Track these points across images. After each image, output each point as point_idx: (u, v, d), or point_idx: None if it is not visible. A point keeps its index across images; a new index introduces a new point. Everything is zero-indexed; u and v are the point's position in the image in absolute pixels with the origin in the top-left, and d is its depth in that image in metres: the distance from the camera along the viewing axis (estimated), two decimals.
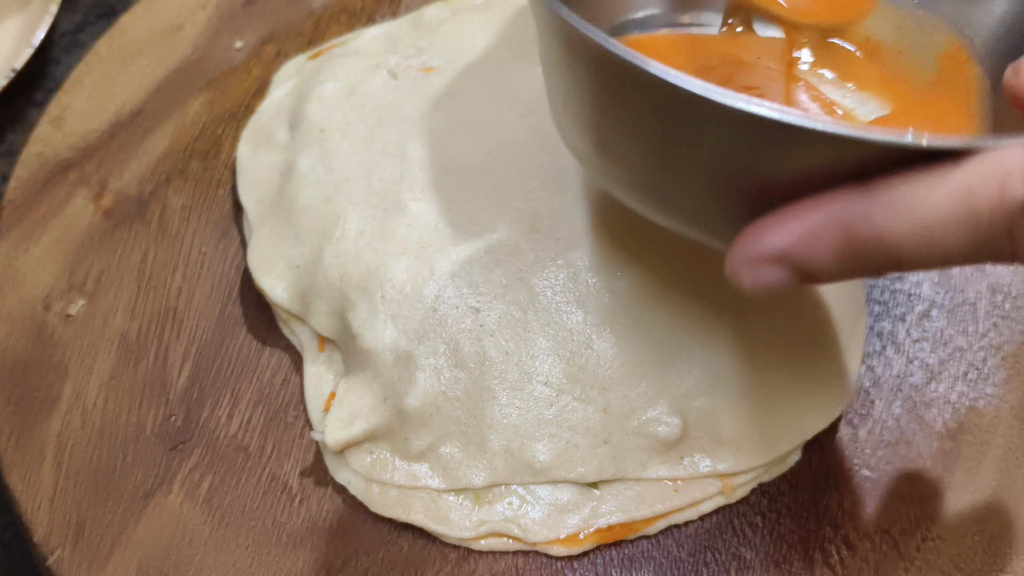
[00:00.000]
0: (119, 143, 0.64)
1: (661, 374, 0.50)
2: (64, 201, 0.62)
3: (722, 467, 0.50)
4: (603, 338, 0.50)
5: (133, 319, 0.57)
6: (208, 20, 0.70)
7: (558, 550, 0.49)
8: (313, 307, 0.54)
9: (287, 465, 0.52)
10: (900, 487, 0.51)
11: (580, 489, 0.50)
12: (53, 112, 0.66)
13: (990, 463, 0.51)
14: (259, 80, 0.67)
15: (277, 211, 0.57)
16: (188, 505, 0.51)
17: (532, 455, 0.49)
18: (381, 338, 0.51)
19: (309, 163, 0.57)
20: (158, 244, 0.60)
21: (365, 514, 0.50)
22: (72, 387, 0.55)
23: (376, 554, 0.49)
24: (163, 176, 0.63)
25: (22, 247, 0.60)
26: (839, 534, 0.49)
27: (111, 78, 0.67)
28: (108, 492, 0.51)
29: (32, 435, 0.53)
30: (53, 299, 0.58)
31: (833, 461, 0.52)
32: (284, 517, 0.50)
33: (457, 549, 0.49)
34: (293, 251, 0.55)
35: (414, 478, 0.50)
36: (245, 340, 0.56)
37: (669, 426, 0.49)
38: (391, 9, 0.70)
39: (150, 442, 0.53)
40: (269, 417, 0.54)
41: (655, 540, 0.50)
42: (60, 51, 0.81)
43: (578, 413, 0.49)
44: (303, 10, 0.70)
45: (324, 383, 0.54)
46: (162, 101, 0.66)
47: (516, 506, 0.50)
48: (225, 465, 0.52)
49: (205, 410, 0.54)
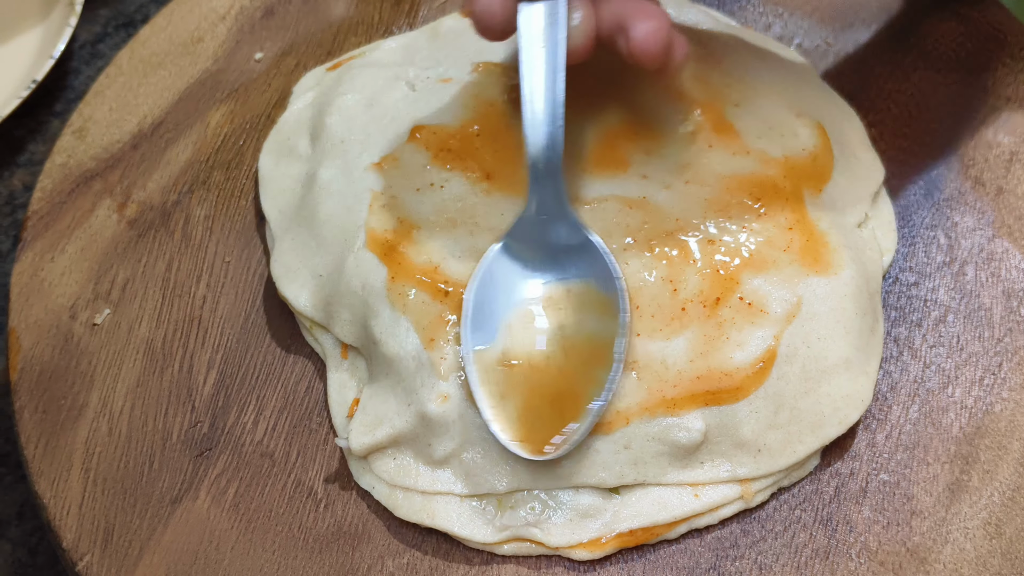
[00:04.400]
0: (142, 154, 0.65)
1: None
2: (88, 211, 0.63)
3: (742, 472, 0.50)
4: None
5: (158, 327, 0.58)
6: (228, 32, 0.71)
7: (580, 554, 0.50)
8: (336, 315, 0.54)
9: (312, 471, 0.53)
10: (918, 491, 0.51)
11: (601, 494, 0.50)
12: (75, 123, 0.67)
13: (1007, 467, 0.52)
14: (279, 91, 0.68)
15: (299, 221, 0.58)
16: (215, 511, 0.51)
17: (554, 461, 0.49)
18: (404, 344, 0.51)
19: (331, 174, 0.58)
20: (182, 254, 0.61)
21: (389, 519, 0.51)
22: (99, 395, 0.55)
23: (401, 559, 0.50)
24: (186, 186, 0.64)
25: (47, 257, 0.61)
26: (859, 540, 0.50)
27: (132, 90, 0.68)
28: (136, 498, 0.52)
29: (60, 442, 0.54)
30: (79, 308, 0.59)
31: (852, 466, 0.52)
32: (310, 522, 0.51)
33: (480, 554, 0.50)
34: (316, 260, 0.56)
35: (437, 483, 0.51)
36: (269, 348, 0.57)
37: (690, 432, 0.49)
38: (408, 21, 0.71)
39: (176, 449, 0.53)
40: (294, 424, 0.54)
41: (676, 545, 0.50)
42: (80, 62, 0.82)
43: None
44: (322, 22, 0.71)
45: (347, 390, 0.54)
46: (183, 112, 0.67)
47: (538, 511, 0.50)
48: (251, 471, 0.53)
49: (231, 417, 0.54)
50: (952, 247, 0.59)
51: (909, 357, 0.55)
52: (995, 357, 0.55)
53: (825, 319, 0.52)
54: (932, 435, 0.53)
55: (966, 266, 0.58)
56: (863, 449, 0.53)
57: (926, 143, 0.63)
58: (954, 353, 0.55)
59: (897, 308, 0.57)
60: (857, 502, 0.51)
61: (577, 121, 0.58)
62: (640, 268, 0.52)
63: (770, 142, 0.57)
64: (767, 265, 0.53)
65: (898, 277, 0.58)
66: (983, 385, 0.54)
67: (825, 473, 0.52)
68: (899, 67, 0.66)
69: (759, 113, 0.58)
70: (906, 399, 0.54)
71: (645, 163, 0.56)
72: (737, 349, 0.51)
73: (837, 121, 0.61)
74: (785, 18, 0.69)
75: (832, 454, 0.52)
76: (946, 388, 0.54)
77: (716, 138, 0.56)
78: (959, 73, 0.66)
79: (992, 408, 0.53)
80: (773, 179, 0.55)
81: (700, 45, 0.61)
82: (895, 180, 0.62)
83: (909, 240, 0.59)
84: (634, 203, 0.54)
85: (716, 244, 0.53)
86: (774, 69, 0.63)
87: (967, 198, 0.61)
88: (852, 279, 0.53)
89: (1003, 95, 0.65)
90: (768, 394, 0.50)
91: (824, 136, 0.58)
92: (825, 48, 0.68)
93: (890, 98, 0.65)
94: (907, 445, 0.53)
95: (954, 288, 0.58)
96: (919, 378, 0.55)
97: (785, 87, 0.61)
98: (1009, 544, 0.49)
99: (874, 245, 0.57)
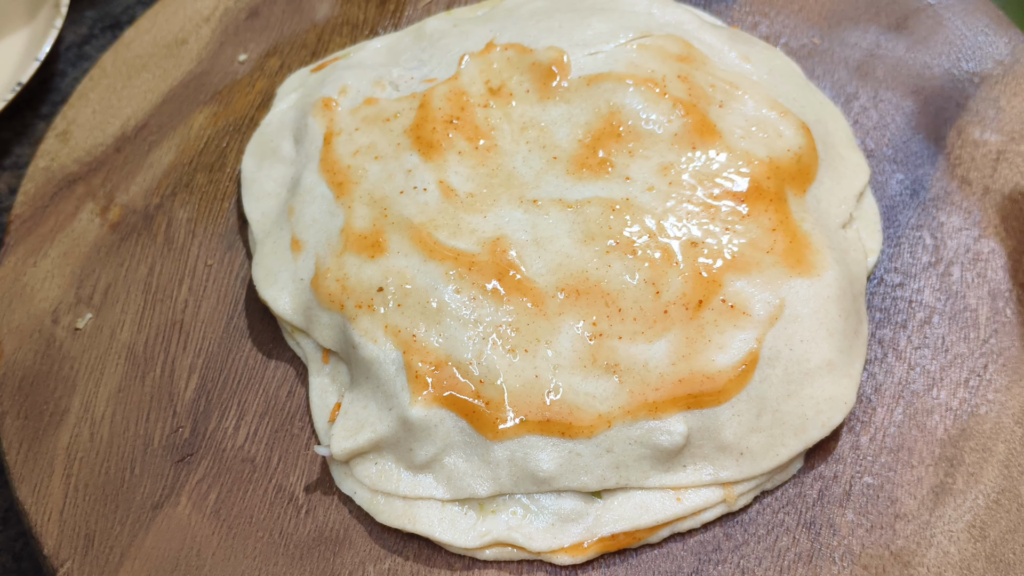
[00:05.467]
0: (125, 157, 0.65)
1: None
2: (71, 215, 0.62)
3: (724, 475, 0.50)
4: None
5: (140, 332, 0.57)
6: (212, 34, 0.70)
7: (562, 559, 0.49)
8: (315, 320, 0.54)
9: (293, 476, 0.52)
10: (902, 494, 0.51)
11: (583, 498, 0.50)
12: (59, 126, 0.66)
13: (992, 469, 0.51)
14: (263, 93, 0.67)
15: (282, 224, 0.58)
16: (196, 516, 0.51)
17: (536, 465, 0.49)
18: (384, 348, 0.51)
19: (315, 178, 0.58)
20: (164, 257, 0.60)
21: (371, 524, 0.51)
22: (80, 400, 0.55)
23: (382, 564, 0.50)
24: (169, 189, 0.63)
25: (30, 261, 0.60)
26: (842, 543, 0.50)
27: (116, 92, 0.68)
28: (117, 504, 0.52)
29: (41, 448, 0.54)
30: (61, 312, 0.58)
31: (835, 469, 0.52)
32: (291, 528, 0.51)
33: (462, 559, 0.50)
34: (297, 264, 0.56)
35: (419, 488, 0.50)
36: (251, 352, 0.57)
37: (672, 435, 0.49)
38: (393, 21, 0.71)
39: (158, 454, 0.53)
40: (275, 428, 0.54)
41: (658, 549, 0.50)
42: (66, 64, 0.82)
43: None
44: (306, 22, 0.71)
45: (328, 394, 0.54)
46: (167, 115, 0.67)
47: (520, 516, 0.50)
48: (232, 476, 0.52)
49: (212, 422, 0.54)
50: (938, 247, 0.59)
51: (894, 359, 0.55)
52: (980, 358, 0.55)
53: (808, 321, 0.52)
54: (916, 437, 0.52)
55: (952, 267, 0.58)
56: (847, 452, 0.52)
57: (912, 142, 0.63)
58: (939, 354, 0.55)
59: (882, 309, 0.57)
60: (841, 505, 0.51)
61: (560, 123, 0.58)
62: (622, 270, 0.52)
63: (754, 143, 0.56)
64: (750, 267, 0.52)
65: (883, 278, 0.58)
66: (968, 387, 0.54)
67: (808, 476, 0.52)
68: (886, 66, 0.66)
69: (743, 113, 0.58)
70: (890, 401, 0.54)
71: (628, 165, 0.56)
72: (719, 352, 0.50)
73: (822, 121, 0.61)
74: (771, 17, 0.69)
75: (815, 457, 0.52)
76: (931, 390, 0.54)
77: (699, 139, 0.56)
78: (946, 72, 0.65)
79: (977, 410, 0.53)
80: (757, 180, 0.55)
81: (684, 45, 0.60)
82: (880, 179, 0.61)
83: (894, 240, 0.59)
84: (617, 205, 0.54)
85: (699, 246, 0.53)
86: (759, 69, 0.62)
87: (953, 197, 0.60)
88: (836, 280, 0.53)
89: (990, 95, 0.64)
90: (750, 397, 0.50)
91: (809, 136, 0.58)
92: (812, 47, 0.67)
93: (877, 96, 0.65)
94: (891, 448, 0.52)
95: (940, 289, 0.57)
96: (904, 380, 0.54)
97: (770, 87, 0.61)
98: (993, 547, 0.49)
99: (859, 246, 0.57)
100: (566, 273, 0.52)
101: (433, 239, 0.54)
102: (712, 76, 0.59)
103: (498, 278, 0.52)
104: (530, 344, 0.51)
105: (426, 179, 0.56)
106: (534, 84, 0.59)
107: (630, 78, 0.57)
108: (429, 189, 0.56)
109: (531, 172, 0.56)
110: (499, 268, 0.52)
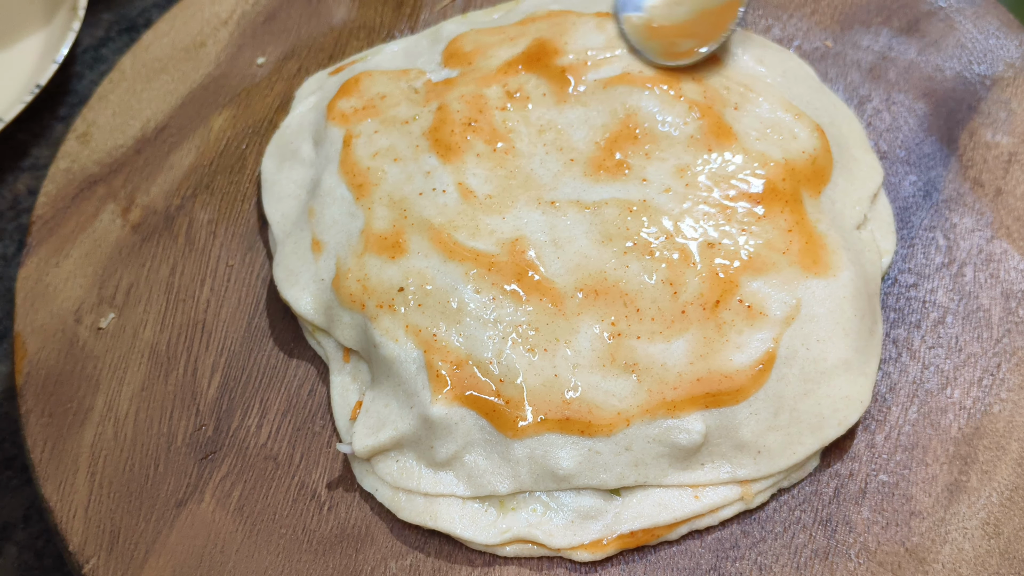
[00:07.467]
0: (145, 158, 0.66)
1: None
2: (92, 216, 0.63)
3: (742, 473, 0.51)
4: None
5: (163, 331, 0.58)
6: (230, 37, 0.71)
7: (582, 555, 0.50)
8: (337, 319, 0.55)
9: (315, 473, 0.53)
10: (917, 491, 0.51)
11: (602, 496, 0.51)
12: (79, 128, 0.67)
13: (1006, 467, 0.52)
14: (282, 96, 0.68)
15: (302, 225, 0.58)
16: (220, 513, 0.52)
17: (555, 462, 0.50)
18: (404, 347, 0.52)
19: (335, 180, 0.58)
20: (186, 258, 0.61)
21: (392, 521, 0.52)
22: (104, 399, 0.56)
23: (404, 560, 0.50)
24: (189, 191, 0.64)
25: (52, 262, 0.61)
26: (858, 540, 0.50)
27: (136, 94, 0.69)
28: (141, 501, 0.52)
29: (66, 446, 0.54)
30: (84, 312, 0.59)
31: (851, 467, 0.52)
32: (313, 524, 0.52)
33: (483, 555, 0.51)
34: (317, 265, 0.57)
35: (440, 485, 0.51)
36: (272, 351, 0.57)
37: (691, 433, 0.50)
38: (409, 25, 0.71)
39: (181, 452, 0.54)
40: (297, 427, 0.55)
41: (677, 546, 0.51)
42: (83, 66, 0.82)
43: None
44: (323, 26, 0.72)
45: (350, 393, 0.55)
46: (186, 117, 0.67)
47: (540, 513, 0.51)
48: (255, 474, 0.53)
49: (235, 420, 0.55)
50: (951, 248, 0.59)
51: (908, 358, 0.56)
52: (994, 358, 0.55)
53: (824, 321, 0.52)
54: (931, 436, 0.53)
55: (965, 267, 0.59)
56: (862, 450, 0.53)
57: (924, 144, 0.63)
58: (953, 354, 0.56)
59: (896, 309, 0.58)
60: (856, 503, 0.51)
61: (577, 125, 0.58)
62: (640, 271, 0.52)
63: (769, 144, 0.57)
64: (766, 268, 0.53)
65: (897, 278, 0.59)
66: (982, 386, 0.54)
67: (824, 474, 0.52)
68: (898, 69, 0.67)
69: (758, 115, 0.59)
70: (905, 400, 0.54)
71: (644, 167, 0.56)
72: (737, 351, 0.51)
73: (836, 123, 0.62)
74: (784, 20, 0.70)
75: (831, 455, 0.53)
76: (945, 389, 0.55)
77: (715, 141, 0.57)
78: (958, 74, 0.66)
79: (991, 409, 0.54)
80: (772, 182, 0.55)
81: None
82: (894, 181, 0.62)
83: (908, 241, 0.60)
84: (634, 206, 0.55)
85: (716, 247, 0.53)
86: (773, 72, 0.63)
87: (966, 199, 0.61)
88: (851, 281, 0.54)
89: (1002, 97, 0.65)
90: (768, 396, 0.51)
91: (823, 138, 0.58)
92: (824, 50, 0.68)
93: (890, 99, 0.65)
94: (906, 446, 0.53)
95: (953, 289, 0.58)
96: (918, 379, 0.55)
97: (784, 89, 0.61)
98: (1007, 544, 0.50)
99: (873, 247, 0.58)
100: (584, 273, 0.53)
101: (453, 240, 0.54)
102: (727, 79, 0.60)
103: (517, 278, 0.53)
104: (549, 343, 0.51)
105: (445, 181, 0.57)
106: (551, 87, 0.60)
107: (647, 81, 0.58)
108: (448, 191, 0.56)
109: (549, 174, 0.57)
110: (518, 269, 0.53)
